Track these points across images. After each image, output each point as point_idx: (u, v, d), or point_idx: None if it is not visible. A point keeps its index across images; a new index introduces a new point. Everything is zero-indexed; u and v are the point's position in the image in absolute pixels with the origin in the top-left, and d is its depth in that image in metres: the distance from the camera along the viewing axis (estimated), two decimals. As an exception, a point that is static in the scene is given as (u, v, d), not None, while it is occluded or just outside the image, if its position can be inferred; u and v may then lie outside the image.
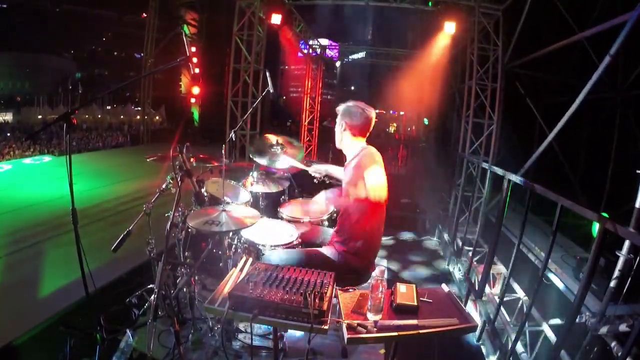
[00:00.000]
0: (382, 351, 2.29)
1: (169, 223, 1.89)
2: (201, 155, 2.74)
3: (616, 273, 3.09)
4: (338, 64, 14.24)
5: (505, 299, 3.37)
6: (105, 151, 11.05)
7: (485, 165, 4.69)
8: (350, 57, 13.42)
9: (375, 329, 1.47)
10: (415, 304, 1.59)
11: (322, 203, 2.69)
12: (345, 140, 2.23)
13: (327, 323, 1.42)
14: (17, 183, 6.47)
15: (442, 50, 8.84)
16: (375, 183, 2.03)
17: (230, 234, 2.59)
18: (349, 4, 8.02)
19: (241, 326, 2.41)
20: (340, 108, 2.24)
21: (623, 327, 2.93)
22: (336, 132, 2.28)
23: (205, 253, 2.52)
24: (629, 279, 3.10)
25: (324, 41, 12.95)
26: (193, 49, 13.01)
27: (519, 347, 3.09)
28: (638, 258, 3.06)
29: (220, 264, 2.67)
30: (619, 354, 2.72)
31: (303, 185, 3.49)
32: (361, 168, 2.06)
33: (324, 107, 13.01)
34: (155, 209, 2.37)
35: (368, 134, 2.25)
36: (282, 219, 2.76)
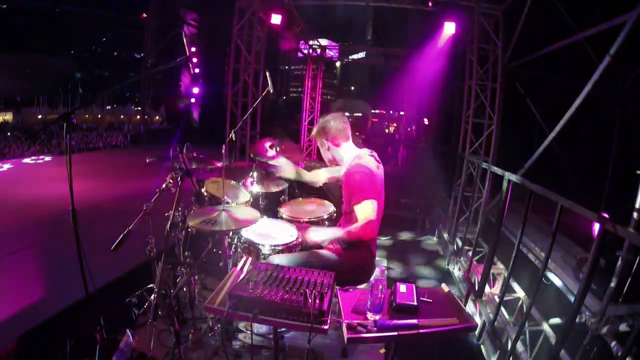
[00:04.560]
0: (383, 351, 2.29)
1: (169, 223, 1.89)
2: (201, 156, 2.74)
3: (616, 273, 3.09)
4: (338, 64, 14.23)
5: (505, 298, 3.37)
6: (105, 151, 11.05)
7: (485, 165, 4.69)
8: (350, 57, 13.41)
9: (375, 329, 1.47)
10: (415, 303, 1.59)
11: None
12: (335, 154, 2.26)
13: (327, 323, 1.42)
14: (17, 183, 6.47)
15: (442, 50, 8.84)
16: (368, 209, 2.00)
17: (230, 233, 2.59)
18: (349, 4, 8.02)
19: (241, 326, 2.41)
20: (322, 125, 2.26)
21: (623, 327, 2.93)
22: (322, 154, 2.31)
23: (205, 253, 2.52)
24: (629, 279, 3.10)
25: (324, 41, 12.94)
26: (193, 49, 13.01)
27: (519, 347, 3.08)
28: (638, 258, 3.06)
29: (220, 264, 2.68)
30: (619, 353, 2.72)
31: (303, 186, 3.49)
32: (355, 188, 2.04)
33: (324, 108, 13.00)
34: (155, 209, 2.37)
35: (354, 134, 2.29)
36: (282, 218, 2.76)
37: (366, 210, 1.99)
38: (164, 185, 2.38)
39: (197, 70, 12.96)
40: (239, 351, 2.29)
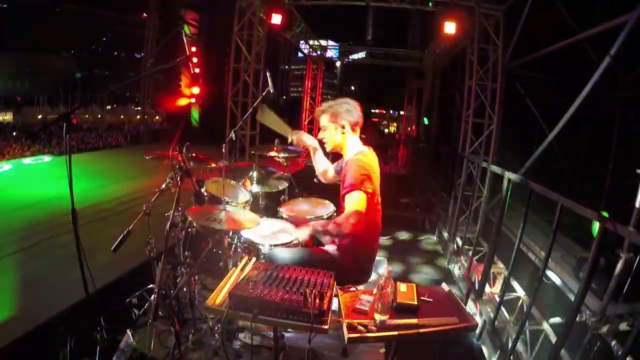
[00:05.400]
0: (383, 350, 2.29)
1: (169, 223, 1.89)
2: (201, 156, 2.73)
3: (616, 272, 3.09)
4: (338, 64, 14.25)
5: (505, 298, 3.37)
6: (105, 151, 11.04)
7: (485, 164, 4.69)
8: (350, 57, 13.43)
9: (375, 328, 1.47)
10: (416, 303, 1.59)
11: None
12: (348, 139, 2.17)
13: (328, 323, 1.42)
14: (17, 183, 6.47)
15: (442, 50, 8.84)
16: (357, 200, 1.93)
17: (230, 233, 2.59)
18: (349, 4, 8.03)
19: (241, 326, 2.41)
20: (336, 107, 2.15)
21: (623, 326, 2.93)
22: (330, 136, 2.17)
23: (205, 253, 2.52)
24: (629, 278, 3.10)
25: (324, 41, 12.96)
26: (193, 49, 12.99)
27: (519, 347, 3.08)
28: (638, 257, 3.06)
29: (221, 264, 2.67)
30: (619, 353, 2.72)
31: (303, 185, 3.50)
32: (350, 177, 1.98)
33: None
34: (155, 209, 2.37)
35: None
36: (282, 218, 2.76)
37: (355, 201, 1.90)
38: (163, 185, 2.38)
39: (197, 70, 12.93)
40: (239, 351, 2.29)
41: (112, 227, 4.19)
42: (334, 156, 2.37)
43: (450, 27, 6.46)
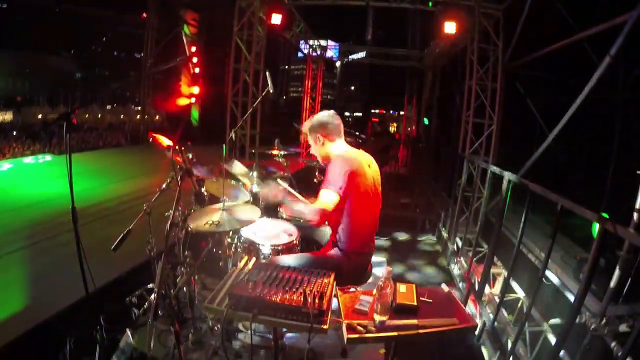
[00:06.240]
0: (382, 351, 2.29)
1: (169, 222, 1.89)
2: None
3: (616, 273, 3.09)
4: (338, 64, 14.24)
5: (505, 299, 3.37)
6: (105, 150, 11.04)
7: (485, 165, 4.69)
8: (350, 57, 13.43)
9: (374, 329, 1.47)
10: (415, 303, 1.59)
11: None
12: (328, 148, 2.24)
13: (327, 323, 1.42)
14: (18, 182, 6.47)
15: (442, 49, 8.84)
16: (325, 197, 2.00)
17: (230, 233, 2.59)
18: (348, 3, 8.03)
19: (241, 326, 2.41)
20: (310, 124, 2.26)
21: (623, 328, 2.92)
22: (316, 149, 2.29)
23: (205, 252, 2.52)
24: (629, 279, 3.10)
25: (324, 41, 12.96)
26: (193, 49, 13.00)
27: (519, 347, 3.08)
28: (638, 258, 3.06)
29: (220, 264, 2.68)
30: (619, 354, 2.72)
31: (303, 185, 3.49)
32: (335, 179, 2.02)
33: (324, 107, 13.02)
34: (155, 209, 2.36)
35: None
36: (282, 218, 2.76)
37: (326, 199, 1.99)
38: (164, 185, 2.38)
39: (197, 70, 12.94)
40: (239, 351, 2.29)
41: (113, 226, 4.19)
42: None
43: (450, 27, 6.46)
